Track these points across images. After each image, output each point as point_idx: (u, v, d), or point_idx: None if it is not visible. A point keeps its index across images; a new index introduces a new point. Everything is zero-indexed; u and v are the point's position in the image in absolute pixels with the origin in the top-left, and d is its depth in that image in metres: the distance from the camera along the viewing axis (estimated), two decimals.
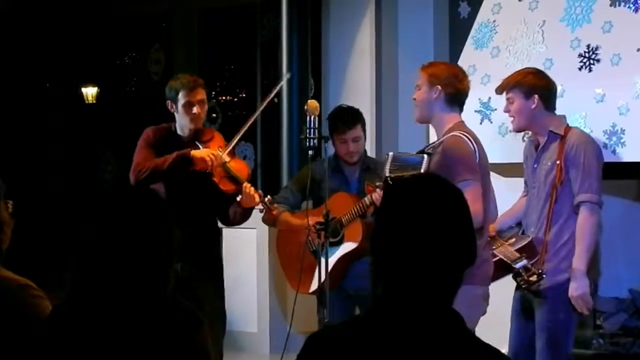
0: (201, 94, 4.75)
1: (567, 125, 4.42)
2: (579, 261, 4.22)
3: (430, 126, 4.84)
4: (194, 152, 4.64)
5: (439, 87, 4.10)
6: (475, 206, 3.90)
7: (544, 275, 4.17)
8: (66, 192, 9.41)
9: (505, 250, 4.32)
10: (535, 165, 4.40)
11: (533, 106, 4.34)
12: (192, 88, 4.72)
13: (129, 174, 4.67)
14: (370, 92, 6.96)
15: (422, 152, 4.09)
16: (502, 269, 4.29)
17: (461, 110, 4.18)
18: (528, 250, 4.29)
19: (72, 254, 2.32)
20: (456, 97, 4.14)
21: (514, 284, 4.38)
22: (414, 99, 4.21)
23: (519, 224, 4.53)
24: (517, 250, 4.29)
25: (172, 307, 2.29)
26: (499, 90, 4.50)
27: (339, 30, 7.20)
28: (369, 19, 7.00)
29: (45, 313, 2.53)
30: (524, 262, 4.22)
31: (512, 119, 4.44)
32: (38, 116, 9.80)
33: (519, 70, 4.52)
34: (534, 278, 4.18)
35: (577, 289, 4.21)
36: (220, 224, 4.93)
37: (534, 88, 4.36)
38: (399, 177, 3.89)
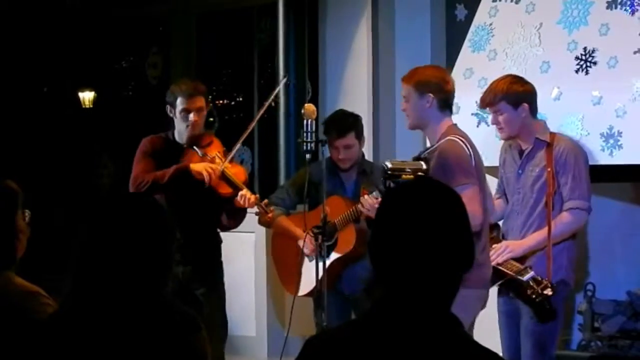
0: (199, 102, 4.74)
1: (550, 131, 4.44)
2: (536, 240, 4.24)
3: None
4: (192, 166, 4.65)
5: (431, 95, 4.07)
6: (473, 207, 3.91)
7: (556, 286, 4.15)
8: (63, 196, 9.40)
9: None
10: (520, 171, 4.41)
11: (523, 115, 4.34)
12: (191, 95, 4.71)
13: (129, 185, 4.68)
14: (368, 96, 6.95)
15: (418, 158, 4.09)
16: (495, 277, 4.28)
17: (451, 112, 4.18)
18: (520, 257, 4.30)
19: (70, 258, 2.32)
20: (447, 100, 4.13)
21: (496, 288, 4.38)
22: (404, 110, 4.19)
23: (494, 226, 4.53)
24: (516, 261, 4.28)
25: (170, 312, 2.29)
26: (483, 105, 4.48)
27: (336, 34, 7.19)
28: (366, 22, 7.00)
29: None
30: (532, 273, 4.19)
31: (500, 129, 4.44)
32: (35, 120, 9.79)
33: (499, 81, 4.46)
34: (549, 291, 4.09)
35: (513, 251, 4.24)
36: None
37: (521, 97, 4.35)
38: (398, 169, 3.90)
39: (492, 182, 4.29)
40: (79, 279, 2.30)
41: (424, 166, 3.88)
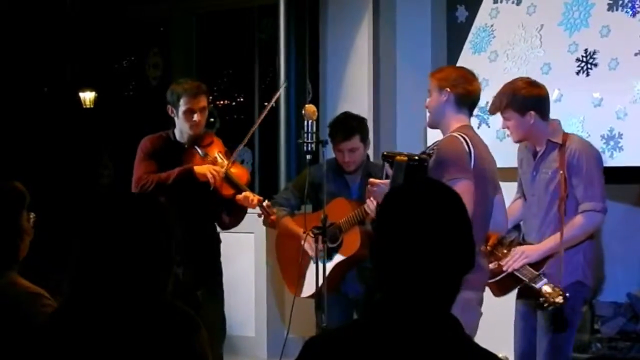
0: (203, 101, 4.73)
1: (564, 132, 4.39)
2: (550, 245, 4.23)
3: (429, 130, 4.83)
4: (196, 169, 4.64)
5: (448, 89, 4.06)
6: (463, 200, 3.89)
7: (567, 294, 4.12)
8: (64, 196, 9.39)
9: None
10: (534, 173, 4.39)
11: (531, 122, 4.31)
12: (195, 95, 4.70)
13: (132, 187, 4.67)
14: (368, 96, 6.95)
15: (423, 153, 4.08)
16: (513, 282, 4.27)
17: (471, 113, 4.13)
18: (537, 262, 4.28)
19: (70, 258, 2.31)
20: (465, 98, 4.07)
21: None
22: (426, 106, 4.18)
23: (516, 227, 4.51)
24: (532, 266, 4.27)
25: (170, 312, 2.29)
26: (493, 111, 4.47)
27: (337, 35, 7.19)
28: (367, 23, 7.00)
29: None
30: (545, 280, 4.16)
31: (510, 132, 4.43)
32: (36, 120, 9.79)
33: (508, 86, 4.42)
34: (560, 300, 4.06)
35: (529, 256, 4.24)
36: (218, 229, 4.94)
37: (528, 104, 4.31)
38: (393, 152, 3.99)
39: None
40: (78, 278, 2.30)
41: (423, 155, 3.90)
